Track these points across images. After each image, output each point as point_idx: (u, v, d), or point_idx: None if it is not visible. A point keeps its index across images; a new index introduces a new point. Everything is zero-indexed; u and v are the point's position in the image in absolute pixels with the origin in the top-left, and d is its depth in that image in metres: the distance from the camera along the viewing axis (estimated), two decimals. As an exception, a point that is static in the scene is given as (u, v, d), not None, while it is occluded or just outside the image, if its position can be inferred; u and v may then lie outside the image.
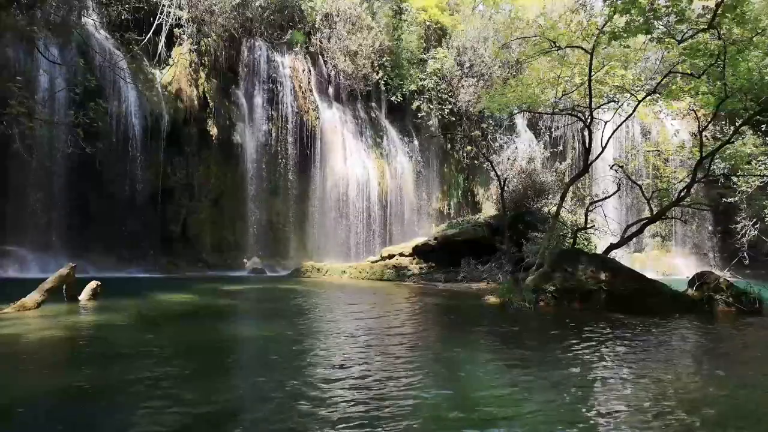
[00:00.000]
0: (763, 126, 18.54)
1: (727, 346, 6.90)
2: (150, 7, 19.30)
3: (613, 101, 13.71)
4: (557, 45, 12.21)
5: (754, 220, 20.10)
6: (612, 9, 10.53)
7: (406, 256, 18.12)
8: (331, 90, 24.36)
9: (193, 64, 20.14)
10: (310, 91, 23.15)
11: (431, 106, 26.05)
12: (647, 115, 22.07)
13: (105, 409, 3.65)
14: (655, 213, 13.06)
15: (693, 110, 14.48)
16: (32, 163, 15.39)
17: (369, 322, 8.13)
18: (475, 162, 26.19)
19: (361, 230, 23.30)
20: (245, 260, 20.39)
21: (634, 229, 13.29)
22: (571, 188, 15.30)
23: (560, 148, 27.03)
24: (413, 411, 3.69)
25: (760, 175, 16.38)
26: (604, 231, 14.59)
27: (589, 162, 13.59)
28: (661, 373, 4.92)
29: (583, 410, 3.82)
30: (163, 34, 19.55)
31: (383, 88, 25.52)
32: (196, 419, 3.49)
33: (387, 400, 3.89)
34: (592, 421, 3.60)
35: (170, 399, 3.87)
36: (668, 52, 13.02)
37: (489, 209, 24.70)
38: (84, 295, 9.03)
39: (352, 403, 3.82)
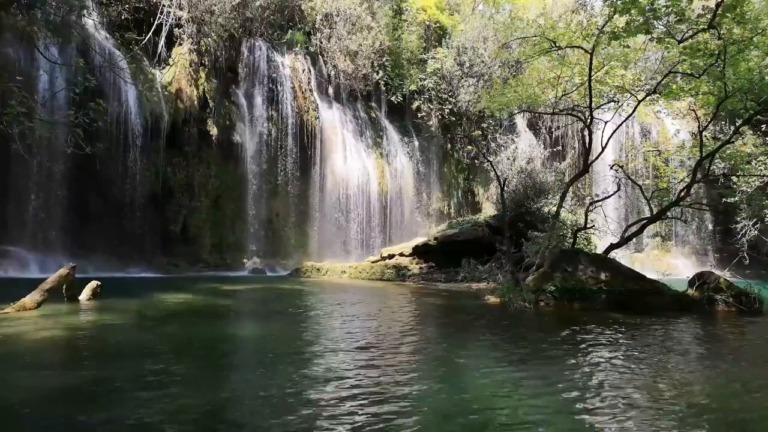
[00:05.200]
0: (763, 126, 18.55)
1: (727, 346, 6.90)
2: (150, 7, 19.31)
3: (613, 101, 13.71)
4: (557, 45, 12.21)
5: (754, 220, 20.08)
6: (612, 9, 10.54)
7: (406, 256, 18.12)
8: (331, 90, 24.37)
9: (193, 64, 20.14)
10: (310, 91, 23.15)
11: (431, 106, 26.07)
12: (647, 115, 22.08)
13: (104, 409, 3.65)
14: (655, 213, 13.05)
15: (693, 110, 14.48)
16: (32, 163, 15.39)
17: (368, 322, 8.12)
18: (475, 162, 26.21)
19: (361, 230, 23.30)
20: (245, 260, 20.40)
21: (634, 229, 13.29)
22: (571, 188, 15.31)
23: (560, 148, 27.05)
24: (411, 411, 3.69)
25: (760, 175, 16.37)
26: (604, 231, 14.59)
27: (589, 162, 13.59)
28: (661, 373, 4.92)
29: (584, 411, 3.82)
30: (163, 34, 19.55)
31: (383, 88, 25.54)
32: (195, 418, 3.49)
33: (385, 400, 3.89)
34: (592, 422, 3.60)
35: (170, 399, 3.87)
36: (668, 52, 13.02)
37: (489, 209, 24.71)
38: (84, 295, 9.03)
39: (351, 402, 3.81)
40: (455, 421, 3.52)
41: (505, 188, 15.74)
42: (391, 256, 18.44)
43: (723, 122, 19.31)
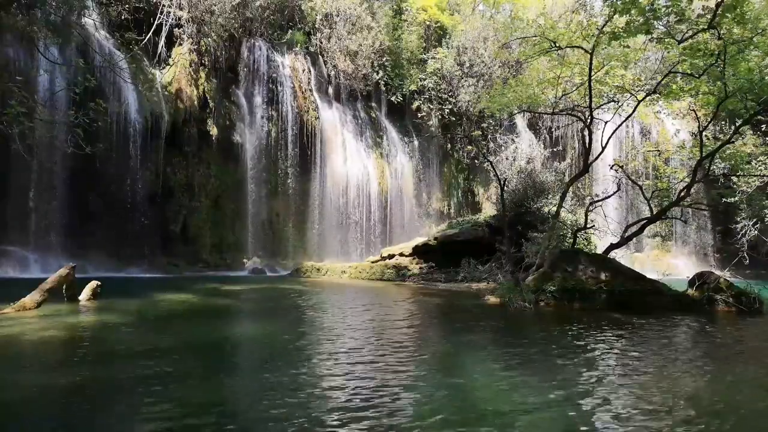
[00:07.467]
0: (763, 126, 18.54)
1: (727, 346, 6.89)
2: (150, 7, 19.31)
3: (613, 101, 13.71)
4: (557, 45, 12.21)
5: (754, 220, 20.08)
6: (612, 9, 10.54)
7: (406, 256, 18.12)
8: (331, 90, 24.37)
9: (193, 64, 20.14)
10: (310, 91, 23.15)
11: (431, 106, 26.06)
12: (647, 115, 22.07)
13: (104, 409, 3.65)
14: (655, 213, 13.05)
15: (693, 110, 14.48)
16: (32, 163, 15.39)
17: (368, 323, 8.12)
18: (475, 162, 26.21)
19: (361, 230, 23.30)
20: (245, 260, 20.40)
21: (634, 229, 13.28)
22: (571, 188, 15.30)
23: (560, 148, 27.05)
24: (411, 411, 3.69)
25: (760, 175, 16.37)
26: (604, 231, 14.57)
27: (589, 162, 13.59)
28: (661, 373, 4.92)
29: (583, 410, 3.82)
30: (163, 34, 19.55)
31: (383, 88, 25.54)
32: (194, 418, 3.49)
33: (385, 401, 3.89)
34: (592, 421, 3.60)
35: (169, 398, 3.87)
36: (668, 52, 13.02)
37: (489, 209, 24.70)
38: (84, 295, 9.03)
39: (351, 402, 3.82)
40: (455, 422, 3.52)
41: (505, 188, 15.73)
42: (391, 256, 18.43)
43: (723, 122, 19.31)
